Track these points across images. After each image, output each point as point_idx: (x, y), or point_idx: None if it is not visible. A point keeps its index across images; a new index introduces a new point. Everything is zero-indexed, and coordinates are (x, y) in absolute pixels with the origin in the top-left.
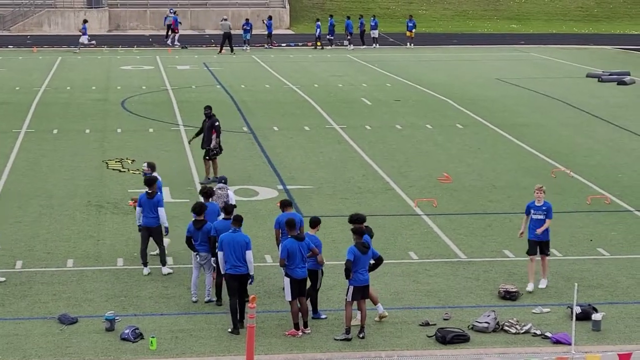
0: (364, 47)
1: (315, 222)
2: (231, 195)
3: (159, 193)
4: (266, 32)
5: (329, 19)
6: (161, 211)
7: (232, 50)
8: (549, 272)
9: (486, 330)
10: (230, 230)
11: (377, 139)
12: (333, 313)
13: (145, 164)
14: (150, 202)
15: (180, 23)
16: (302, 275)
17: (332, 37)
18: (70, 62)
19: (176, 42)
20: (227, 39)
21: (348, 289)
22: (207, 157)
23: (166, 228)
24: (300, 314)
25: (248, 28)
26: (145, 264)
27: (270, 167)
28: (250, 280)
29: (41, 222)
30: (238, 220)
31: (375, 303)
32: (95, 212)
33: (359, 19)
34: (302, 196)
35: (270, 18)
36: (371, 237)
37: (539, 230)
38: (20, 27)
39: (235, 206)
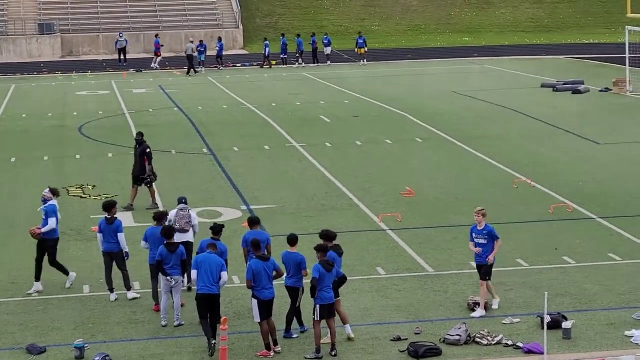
0: (316, 65)
1: (293, 240)
2: (193, 216)
3: (117, 218)
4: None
5: (281, 38)
6: (121, 237)
7: (188, 72)
8: (517, 282)
9: (458, 342)
10: (207, 252)
11: (338, 156)
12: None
13: (47, 190)
14: (110, 227)
15: (162, 46)
16: (269, 297)
17: (285, 57)
18: (25, 89)
19: (156, 65)
20: (189, 61)
21: (314, 307)
22: (137, 184)
23: (127, 253)
24: (269, 333)
25: (202, 50)
26: (111, 290)
27: (232, 187)
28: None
29: (4, 252)
30: (213, 245)
31: (344, 323)
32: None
33: (311, 36)
34: (266, 216)
35: (220, 40)
36: (340, 255)
37: (491, 257)
38: None
39: (223, 226)
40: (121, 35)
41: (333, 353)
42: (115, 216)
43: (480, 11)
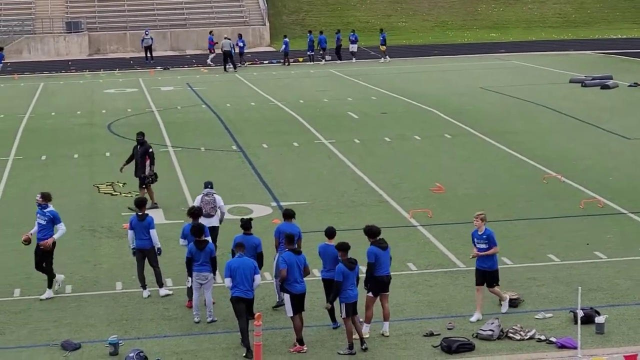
0: (340, 61)
1: (332, 233)
2: (218, 199)
3: (149, 215)
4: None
5: (308, 35)
6: (153, 233)
7: (225, 69)
8: (549, 277)
9: (491, 337)
10: (237, 256)
11: (367, 152)
12: (328, 328)
13: (39, 195)
14: (141, 224)
15: (216, 43)
16: (300, 290)
17: (312, 53)
18: (53, 88)
19: (210, 62)
20: (227, 57)
21: (341, 306)
22: (143, 185)
23: (159, 249)
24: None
25: (242, 45)
26: (144, 287)
27: (262, 184)
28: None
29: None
30: (241, 246)
31: (385, 319)
32: (89, 237)
33: (336, 33)
34: (296, 212)
35: (240, 36)
36: (384, 249)
37: (480, 253)
38: None
39: (251, 219)
40: (147, 32)
41: (364, 347)
42: (146, 213)
43: (507, 7)
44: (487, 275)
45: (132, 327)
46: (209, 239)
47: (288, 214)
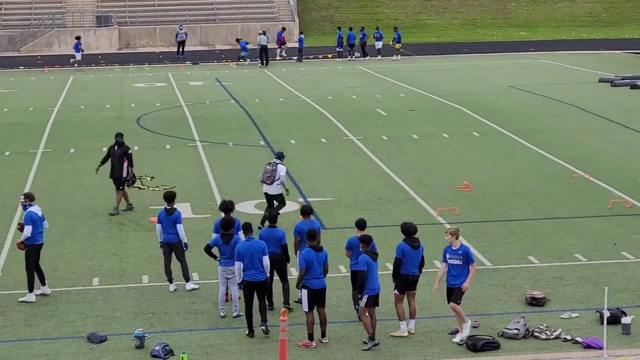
0: (365, 58)
1: (362, 225)
2: (279, 169)
3: (177, 209)
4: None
5: (337, 31)
6: (179, 227)
7: (266, 64)
8: (576, 277)
9: (516, 336)
10: (244, 239)
11: (395, 149)
12: (353, 324)
13: (22, 195)
14: (169, 218)
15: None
16: (319, 286)
17: (341, 49)
18: (82, 81)
19: (284, 54)
20: (263, 52)
21: (363, 297)
22: (121, 187)
23: (186, 244)
24: (320, 324)
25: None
26: (170, 281)
27: (289, 179)
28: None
29: (64, 242)
30: (249, 228)
31: (412, 317)
32: (117, 230)
33: (360, 30)
34: (324, 208)
35: (301, 33)
36: (415, 248)
37: (466, 284)
38: (30, 47)
39: (278, 213)
40: (181, 27)
41: (376, 341)
42: (174, 207)
43: (536, 5)
44: (454, 292)
45: (158, 321)
46: (241, 234)
47: (306, 211)
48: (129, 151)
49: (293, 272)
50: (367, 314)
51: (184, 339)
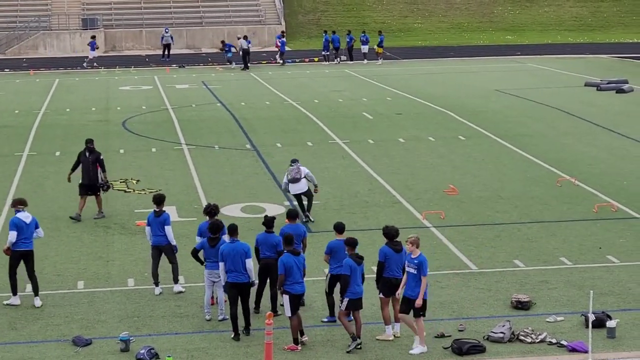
0: (352, 62)
1: (342, 228)
2: (302, 169)
3: (165, 212)
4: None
5: (324, 34)
6: (168, 229)
7: (245, 67)
8: (561, 280)
9: (502, 340)
10: (229, 241)
11: (381, 152)
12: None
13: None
14: (157, 220)
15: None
16: (300, 291)
17: (326, 53)
18: (68, 84)
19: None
20: (247, 56)
21: (343, 300)
22: (98, 193)
23: (175, 246)
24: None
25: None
26: (156, 284)
27: (275, 183)
28: (252, 285)
29: (49, 245)
30: (234, 230)
31: (397, 320)
32: (102, 233)
33: (347, 34)
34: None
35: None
36: (398, 252)
37: (418, 301)
38: (16, 50)
39: (274, 218)
40: (167, 30)
41: (358, 346)
42: (163, 209)
43: (523, 9)
44: (412, 303)
45: (143, 324)
46: (225, 237)
47: (291, 215)
48: (101, 156)
49: None
50: (349, 317)
51: (170, 342)
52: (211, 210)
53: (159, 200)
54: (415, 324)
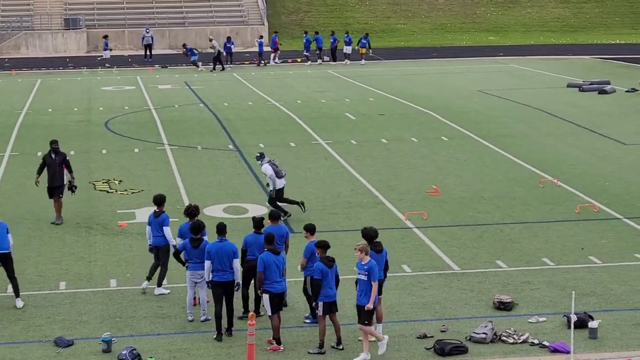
0: (335, 63)
1: (314, 229)
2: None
3: (164, 212)
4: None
5: (304, 35)
6: (166, 230)
7: (222, 69)
8: (543, 281)
9: (484, 341)
10: (217, 240)
11: (364, 153)
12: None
13: None
14: (156, 220)
15: (280, 44)
16: (280, 290)
17: (307, 54)
18: (50, 84)
19: (277, 61)
20: (229, 56)
21: (318, 304)
22: (61, 195)
23: (174, 246)
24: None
25: (230, 46)
26: (148, 279)
27: (258, 184)
28: (237, 287)
29: (31, 245)
30: (222, 230)
31: (379, 321)
32: (85, 234)
33: (330, 35)
34: (292, 212)
35: (229, 39)
36: (379, 252)
37: (369, 305)
38: None
39: (263, 219)
40: (148, 30)
41: (340, 347)
42: (163, 210)
43: (505, 10)
44: (361, 311)
45: (125, 325)
46: (205, 237)
47: (274, 216)
48: (67, 157)
49: None
50: (326, 321)
51: (152, 343)
52: (192, 212)
53: (159, 201)
54: (361, 330)
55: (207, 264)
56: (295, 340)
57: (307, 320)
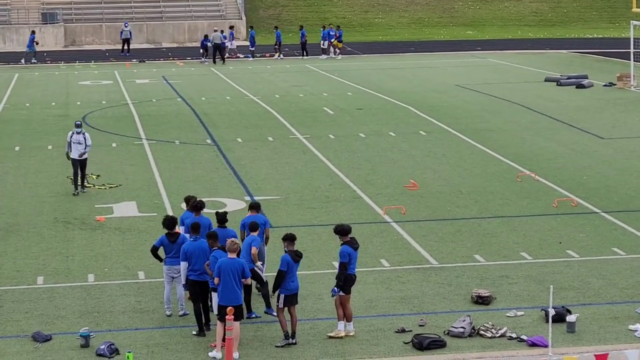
0: (306, 57)
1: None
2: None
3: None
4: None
5: (275, 30)
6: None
7: (223, 62)
8: (521, 275)
9: (462, 335)
10: (191, 239)
11: (342, 147)
12: (308, 323)
13: None
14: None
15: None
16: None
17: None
18: (27, 78)
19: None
20: (217, 50)
21: (279, 296)
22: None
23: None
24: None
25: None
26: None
27: (236, 178)
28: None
29: (8, 240)
30: (197, 229)
31: (349, 320)
32: (62, 229)
33: (300, 30)
34: (270, 207)
35: (206, 37)
36: (356, 249)
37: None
38: None
39: (226, 212)
40: (126, 25)
41: (293, 341)
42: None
43: (483, 4)
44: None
45: (103, 320)
46: (181, 231)
47: (253, 206)
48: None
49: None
50: (284, 313)
51: (130, 337)
52: (197, 205)
53: (198, 207)
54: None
55: (183, 265)
56: (271, 335)
57: (266, 311)
